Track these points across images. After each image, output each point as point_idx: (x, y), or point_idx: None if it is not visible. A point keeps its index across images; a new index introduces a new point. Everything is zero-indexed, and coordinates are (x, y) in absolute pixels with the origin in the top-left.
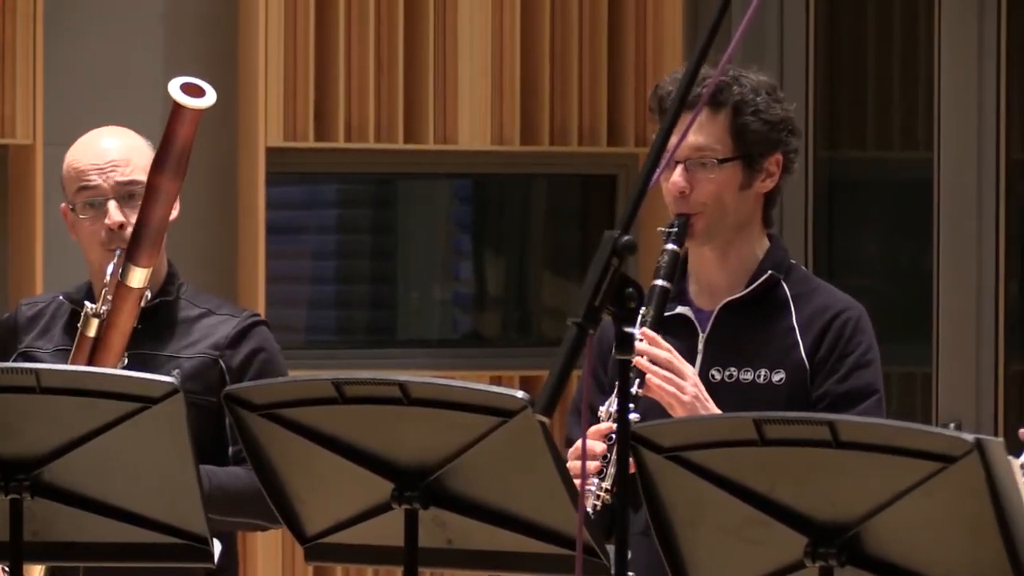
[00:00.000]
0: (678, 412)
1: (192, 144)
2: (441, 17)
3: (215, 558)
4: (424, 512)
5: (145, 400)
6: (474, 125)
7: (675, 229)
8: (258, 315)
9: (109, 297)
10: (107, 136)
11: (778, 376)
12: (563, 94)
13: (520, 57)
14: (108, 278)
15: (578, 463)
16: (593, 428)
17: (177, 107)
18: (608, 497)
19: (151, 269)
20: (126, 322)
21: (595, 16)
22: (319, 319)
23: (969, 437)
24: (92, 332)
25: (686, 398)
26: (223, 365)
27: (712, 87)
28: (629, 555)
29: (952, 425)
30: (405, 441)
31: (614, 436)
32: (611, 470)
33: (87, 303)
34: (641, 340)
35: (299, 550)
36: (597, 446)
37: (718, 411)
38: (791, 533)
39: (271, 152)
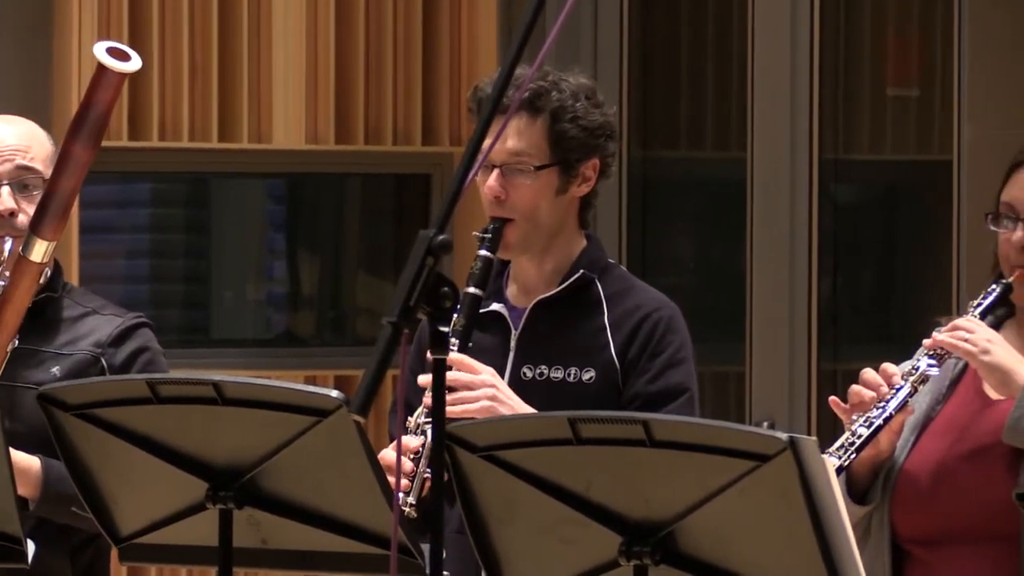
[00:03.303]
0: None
1: (111, 113)
2: (255, 16)
3: (29, 558)
4: (239, 512)
5: None
6: (288, 124)
7: (489, 235)
8: (142, 316)
9: (6, 273)
10: (6, 123)
11: (588, 375)
12: (378, 93)
13: (335, 56)
14: (6, 256)
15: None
16: (404, 441)
17: (101, 69)
18: (413, 512)
19: (54, 244)
20: (22, 299)
21: (410, 16)
22: None
23: (782, 436)
24: None
25: (475, 406)
26: (104, 363)
27: (526, 90)
28: (444, 554)
29: (765, 424)
30: (220, 441)
31: (420, 452)
32: (416, 484)
33: None
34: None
35: (113, 551)
36: (407, 463)
37: (519, 401)
38: (606, 532)
39: None
